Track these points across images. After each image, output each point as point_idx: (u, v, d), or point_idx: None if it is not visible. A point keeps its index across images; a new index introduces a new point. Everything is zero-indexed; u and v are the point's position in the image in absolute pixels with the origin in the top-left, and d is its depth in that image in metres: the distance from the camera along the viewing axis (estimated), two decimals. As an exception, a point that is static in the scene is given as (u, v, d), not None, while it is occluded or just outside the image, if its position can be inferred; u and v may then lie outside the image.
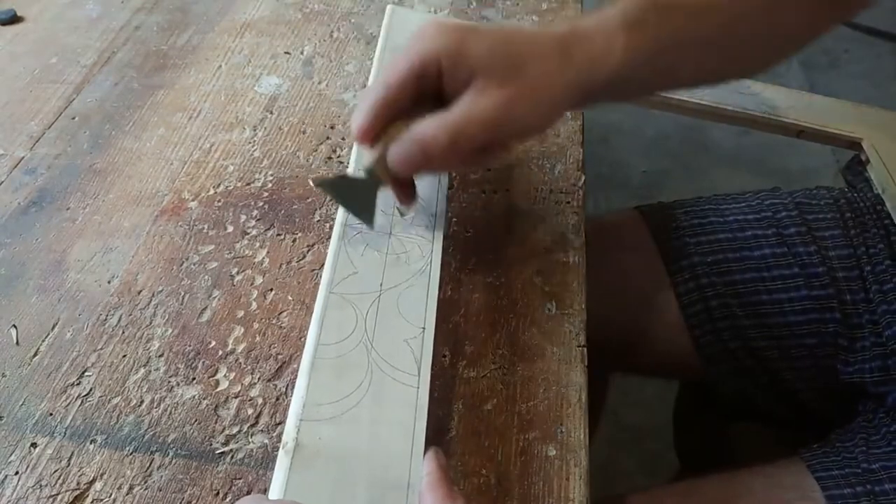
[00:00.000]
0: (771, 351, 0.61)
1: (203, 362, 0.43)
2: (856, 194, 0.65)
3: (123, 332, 0.44)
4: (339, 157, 0.56)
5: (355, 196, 0.42)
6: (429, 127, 0.40)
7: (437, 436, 0.40)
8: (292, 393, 0.41)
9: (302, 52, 0.65)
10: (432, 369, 0.39)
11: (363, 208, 0.42)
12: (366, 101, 0.41)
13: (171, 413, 0.40)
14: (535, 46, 0.41)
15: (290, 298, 0.46)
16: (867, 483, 0.51)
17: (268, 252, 0.49)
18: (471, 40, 0.40)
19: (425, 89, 0.41)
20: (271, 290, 0.46)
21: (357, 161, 0.46)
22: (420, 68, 0.40)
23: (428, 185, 0.48)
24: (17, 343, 0.43)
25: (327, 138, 0.57)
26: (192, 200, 0.52)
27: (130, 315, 0.45)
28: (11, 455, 0.38)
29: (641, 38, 0.42)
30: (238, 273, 0.47)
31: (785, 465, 0.54)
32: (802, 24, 0.48)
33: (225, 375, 0.42)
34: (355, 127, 0.41)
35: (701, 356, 0.62)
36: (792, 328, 0.60)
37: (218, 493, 0.37)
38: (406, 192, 0.44)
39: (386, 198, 0.45)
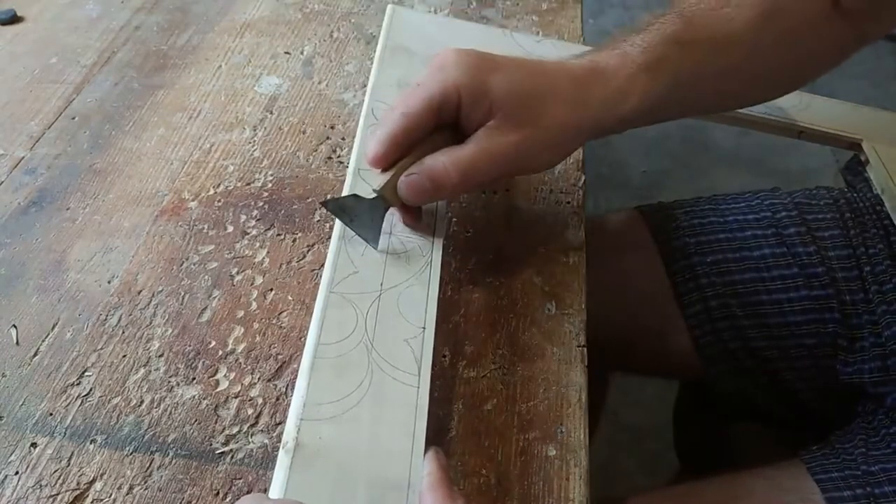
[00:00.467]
0: (770, 351, 0.61)
1: (203, 362, 0.43)
2: (855, 194, 0.65)
3: (123, 332, 0.44)
4: (339, 157, 0.56)
5: (362, 216, 0.42)
6: (442, 162, 0.40)
7: (437, 436, 0.40)
8: (292, 393, 0.41)
9: (302, 52, 0.65)
10: (432, 369, 0.39)
11: (369, 228, 0.43)
12: (384, 128, 0.41)
13: (171, 413, 0.40)
14: (553, 87, 0.41)
15: (290, 298, 0.46)
16: (867, 485, 0.51)
17: (268, 252, 0.49)
18: (492, 76, 0.41)
19: (443, 119, 0.41)
20: (271, 290, 0.46)
21: (357, 161, 0.46)
22: (440, 100, 0.40)
23: None
24: (17, 343, 0.43)
25: (327, 138, 0.57)
26: (192, 200, 0.52)
27: (130, 315, 0.45)
28: (11, 455, 0.38)
29: (661, 77, 0.43)
30: (238, 273, 0.47)
31: (785, 466, 0.54)
32: (825, 51, 0.49)
33: (225, 375, 0.42)
34: (372, 155, 0.41)
35: (701, 356, 0.62)
36: (791, 328, 0.60)
37: (218, 493, 0.37)
38: (412, 214, 0.44)
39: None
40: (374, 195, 0.42)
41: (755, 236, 0.62)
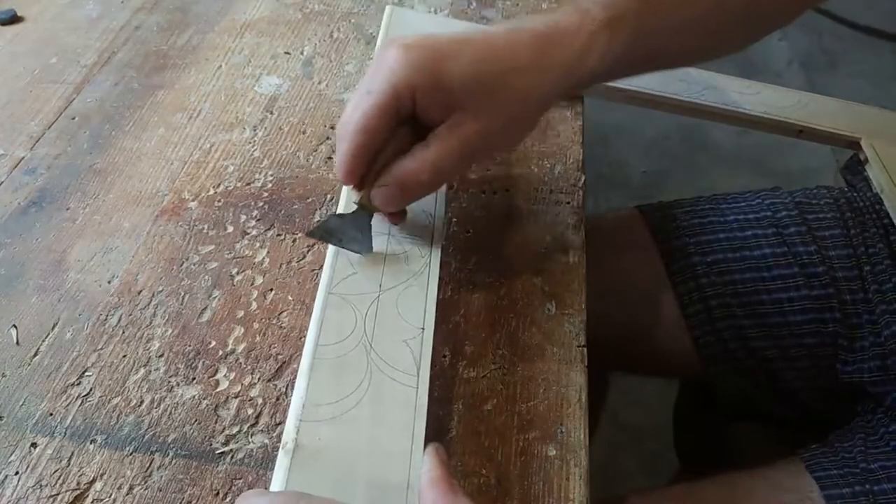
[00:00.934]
0: (770, 350, 0.61)
1: (203, 362, 0.43)
2: (855, 194, 0.65)
3: (123, 332, 0.44)
4: (339, 157, 0.56)
5: (350, 231, 0.42)
6: (409, 168, 0.40)
7: (437, 436, 0.40)
8: (292, 393, 0.41)
9: (302, 52, 0.65)
10: (432, 369, 0.39)
11: (359, 240, 0.43)
12: (343, 145, 0.40)
13: (171, 413, 0.40)
14: (511, 60, 0.40)
15: (290, 298, 0.46)
16: (865, 483, 0.51)
17: (268, 252, 0.49)
18: (444, 68, 0.39)
19: (401, 119, 0.40)
20: (271, 290, 0.46)
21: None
22: (395, 106, 0.39)
23: None
24: (17, 343, 0.43)
25: (327, 138, 0.57)
26: (192, 200, 0.52)
27: (130, 315, 0.45)
28: (11, 455, 0.38)
29: (623, 32, 0.42)
30: (238, 273, 0.47)
31: (784, 465, 0.54)
32: (781, 4, 0.48)
33: (225, 375, 0.42)
34: (339, 174, 0.41)
35: (700, 356, 0.62)
36: (791, 328, 0.60)
37: (218, 493, 0.37)
38: (397, 215, 0.44)
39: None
40: (354, 208, 0.42)
41: (755, 236, 0.62)
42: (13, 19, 0.69)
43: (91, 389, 0.41)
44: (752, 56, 1.86)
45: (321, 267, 0.48)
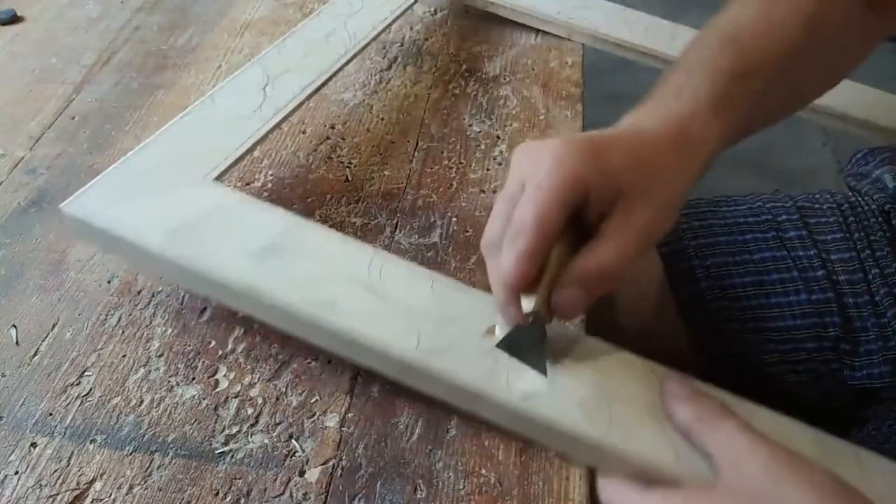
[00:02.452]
0: (771, 355, 0.61)
1: (203, 362, 0.43)
2: (859, 198, 0.65)
3: (123, 332, 0.44)
4: (338, 156, 0.56)
5: (527, 344, 0.39)
6: (594, 264, 0.37)
7: (437, 436, 0.40)
8: (292, 393, 0.41)
9: (302, 53, 0.65)
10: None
11: (537, 356, 0.39)
12: (521, 243, 0.36)
13: (170, 413, 0.40)
14: (656, 152, 0.40)
15: (290, 298, 0.46)
16: None
17: (268, 252, 0.49)
18: (610, 155, 0.38)
19: (570, 212, 0.38)
20: (271, 290, 0.46)
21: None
22: (573, 193, 0.37)
23: None
24: (17, 343, 0.43)
25: (327, 138, 0.57)
26: (192, 200, 0.52)
27: (130, 315, 0.45)
28: (11, 455, 0.38)
29: (731, 118, 0.42)
30: (238, 273, 0.47)
31: None
32: (859, 48, 0.50)
33: (225, 375, 0.42)
34: (515, 278, 0.37)
35: (700, 359, 0.62)
36: (791, 332, 0.60)
37: (218, 493, 0.37)
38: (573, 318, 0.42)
39: None
40: (530, 319, 0.38)
41: (755, 239, 0.62)
42: (13, 19, 0.69)
43: (91, 389, 0.41)
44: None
45: (321, 267, 0.48)
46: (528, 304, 0.37)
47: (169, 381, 0.42)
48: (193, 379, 0.42)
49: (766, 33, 0.45)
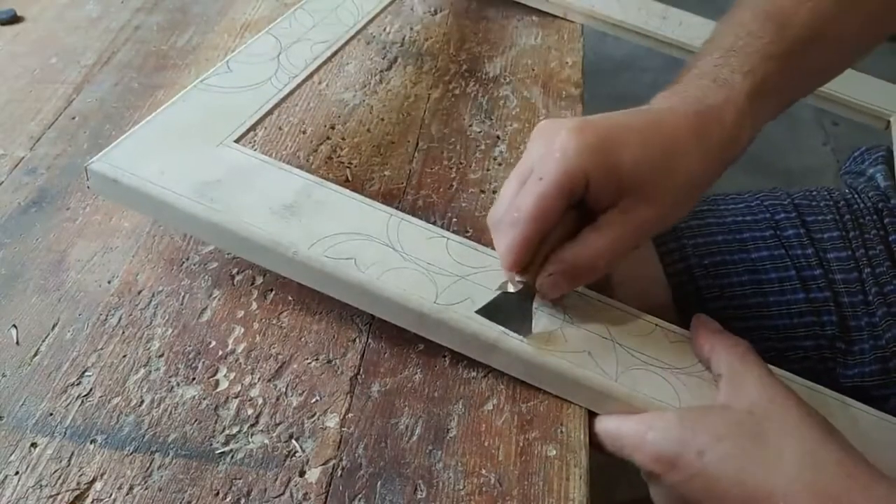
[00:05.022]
0: (769, 353, 0.61)
1: (203, 362, 0.43)
2: (856, 196, 0.65)
3: (123, 332, 0.44)
4: (339, 157, 0.56)
5: (512, 311, 0.40)
6: (581, 254, 0.39)
7: (437, 435, 0.40)
8: (292, 393, 0.41)
9: (302, 53, 0.65)
10: (432, 369, 0.39)
11: (521, 321, 0.41)
12: (515, 231, 0.38)
13: (171, 413, 0.40)
14: (675, 144, 0.40)
15: (290, 298, 0.46)
16: None
17: (268, 252, 0.49)
18: (616, 154, 0.38)
19: (571, 203, 0.39)
20: (271, 290, 0.47)
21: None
22: (572, 186, 0.38)
23: None
24: (17, 343, 0.43)
25: (327, 138, 0.58)
26: (192, 200, 0.52)
27: (130, 315, 0.45)
28: (11, 455, 0.38)
29: (768, 101, 0.42)
30: (238, 273, 0.47)
31: None
32: (892, 15, 0.49)
33: (225, 375, 0.42)
34: (506, 262, 0.39)
35: None
36: (789, 331, 0.60)
37: (218, 493, 0.37)
38: (559, 298, 0.43)
39: None
40: (519, 287, 0.40)
41: (753, 238, 0.62)
42: (13, 19, 0.69)
43: (91, 389, 0.41)
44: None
45: (321, 267, 0.48)
46: (519, 276, 0.40)
47: (169, 382, 0.42)
48: (193, 379, 0.42)
49: (801, 5, 0.44)
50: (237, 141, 0.47)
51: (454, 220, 0.51)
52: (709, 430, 0.36)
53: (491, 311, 0.40)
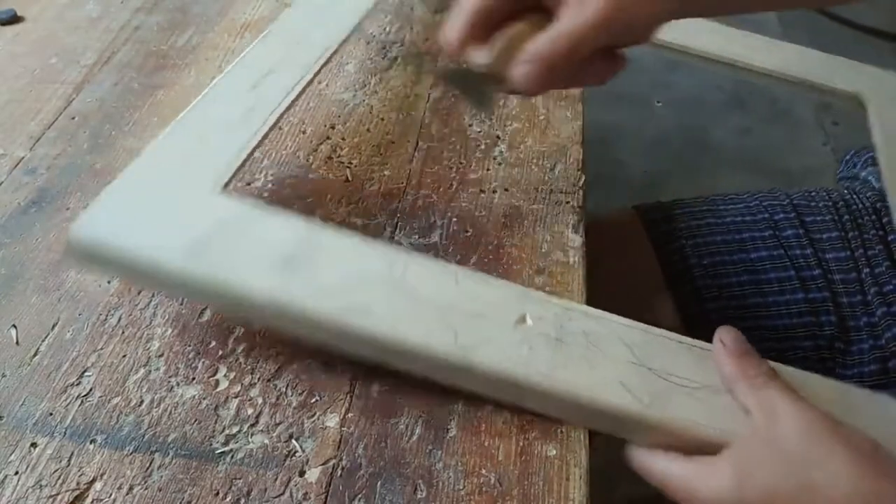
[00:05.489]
0: (768, 354, 0.61)
1: (203, 362, 0.43)
2: (854, 196, 0.65)
3: (123, 332, 0.44)
4: (339, 156, 0.56)
5: (474, 87, 0.41)
6: (544, 42, 0.38)
7: (437, 435, 0.40)
8: (292, 393, 0.41)
9: (302, 53, 0.65)
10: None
11: (483, 100, 0.41)
12: (461, 10, 0.39)
13: (171, 413, 0.40)
14: None
15: (289, 298, 0.46)
16: None
17: (268, 252, 0.49)
18: None
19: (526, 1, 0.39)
20: (271, 290, 0.46)
21: None
22: None
23: None
24: (17, 343, 0.43)
25: (327, 138, 0.58)
26: (192, 200, 0.52)
27: (130, 315, 0.45)
28: (11, 455, 0.38)
29: None
30: (238, 273, 0.47)
31: None
32: None
33: (225, 375, 0.42)
34: (450, 37, 0.39)
35: None
36: (788, 331, 0.60)
37: (218, 493, 0.37)
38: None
39: None
40: (486, 71, 0.40)
41: (752, 238, 0.63)
42: (13, 19, 0.69)
43: (91, 389, 0.41)
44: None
45: (321, 267, 0.48)
46: (481, 57, 0.39)
47: (169, 382, 0.42)
48: (193, 379, 0.42)
49: None
50: (225, 186, 0.43)
51: (454, 219, 0.51)
52: (760, 486, 0.35)
53: (451, 76, 0.40)
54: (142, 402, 0.41)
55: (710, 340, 0.61)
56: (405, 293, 0.40)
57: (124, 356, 0.43)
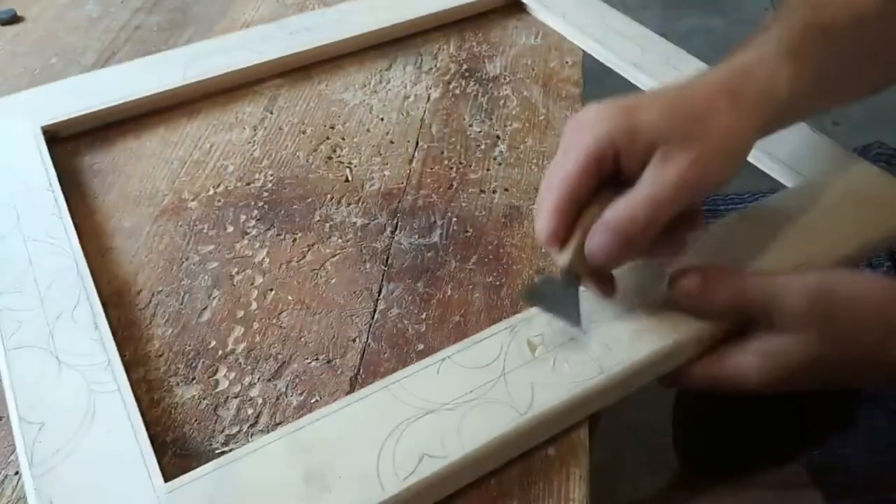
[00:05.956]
0: None
1: (203, 362, 0.43)
2: None
3: (123, 332, 0.44)
4: (339, 156, 0.56)
5: (558, 298, 0.39)
6: (623, 209, 0.37)
7: (436, 436, 0.40)
8: (292, 393, 0.41)
9: (302, 52, 0.65)
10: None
11: (568, 309, 0.39)
12: (546, 202, 0.38)
13: (170, 413, 0.40)
14: (704, 101, 0.39)
15: (290, 298, 0.46)
16: (869, 492, 0.50)
17: (268, 252, 0.49)
18: (640, 113, 0.38)
19: (603, 177, 0.39)
20: (271, 290, 0.47)
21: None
22: (597, 154, 0.38)
23: None
24: (17, 343, 0.43)
25: (327, 138, 0.58)
26: (192, 200, 0.52)
27: (130, 315, 0.45)
28: (11, 455, 0.38)
29: (805, 66, 0.42)
30: (238, 273, 0.47)
31: (785, 474, 0.54)
32: None
33: (225, 375, 0.42)
34: (543, 234, 0.38)
35: None
36: None
37: (218, 493, 0.37)
38: (608, 285, 0.41)
39: None
40: (563, 274, 0.39)
41: None
42: (13, 19, 0.69)
43: (91, 389, 0.41)
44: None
45: (321, 266, 0.48)
46: (564, 258, 0.39)
47: (168, 381, 0.42)
48: (193, 379, 0.42)
49: None
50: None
51: (454, 219, 0.51)
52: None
53: (535, 295, 0.39)
54: (141, 402, 0.41)
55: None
56: (432, 411, 0.38)
57: (124, 356, 0.43)
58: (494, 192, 0.54)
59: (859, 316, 0.40)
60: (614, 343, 0.40)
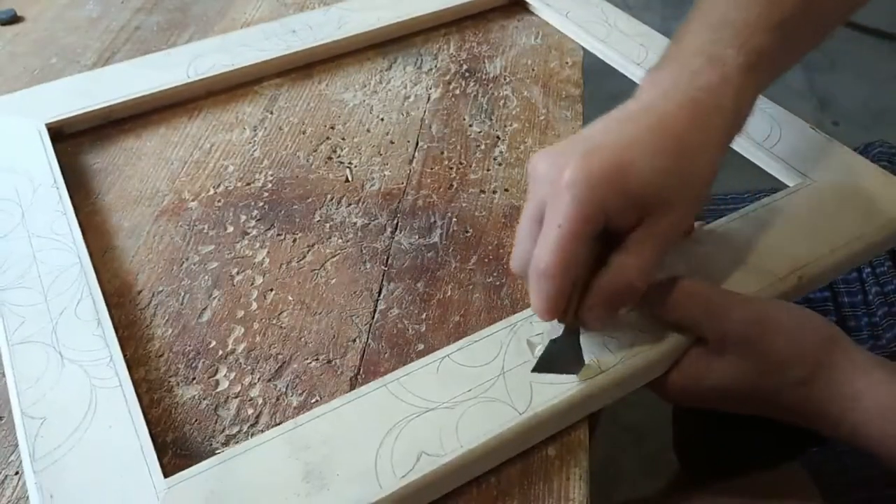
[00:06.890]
0: None
1: (203, 362, 0.43)
2: None
3: (123, 332, 0.44)
4: (339, 156, 0.56)
5: (565, 354, 0.39)
6: (616, 281, 0.37)
7: (436, 436, 0.40)
8: (292, 393, 0.41)
9: (302, 52, 0.65)
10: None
11: (572, 361, 0.39)
12: (546, 286, 0.37)
13: (170, 413, 0.40)
14: (682, 143, 0.38)
15: (290, 298, 0.46)
16: (867, 489, 0.50)
17: (268, 252, 0.49)
18: (628, 177, 0.37)
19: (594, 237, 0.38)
20: (271, 290, 0.47)
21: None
22: (591, 232, 0.37)
23: None
24: (18, 343, 0.43)
25: (327, 138, 0.58)
26: (192, 200, 0.52)
27: (130, 315, 0.45)
28: (11, 455, 0.38)
29: (763, 76, 0.42)
30: (238, 273, 0.47)
31: (784, 473, 0.54)
32: None
33: (225, 375, 0.42)
34: (543, 315, 0.38)
35: None
36: None
37: (218, 493, 0.37)
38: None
39: None
40: (562, 332, 0.39)
41: None
42: (13, 19, 0.69)
43: (91, 389, 0.41)
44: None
45: (321, 266, 0.48)
46: (563, 323, 0.39)
47: (169, 382, 0.42)
48: (193, 379, 0.42)
49: None
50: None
51: (454, 220, 0.51)
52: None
53: (545, 365, 0.39)
54: (141, 402, 0.41)
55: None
56: (433, 409, 0.38)
57: (124, 356, 0.43)
58: (494, 192, 0.54)
59: (783, 350, 0.40)
60: (613, 343, 0.40)
